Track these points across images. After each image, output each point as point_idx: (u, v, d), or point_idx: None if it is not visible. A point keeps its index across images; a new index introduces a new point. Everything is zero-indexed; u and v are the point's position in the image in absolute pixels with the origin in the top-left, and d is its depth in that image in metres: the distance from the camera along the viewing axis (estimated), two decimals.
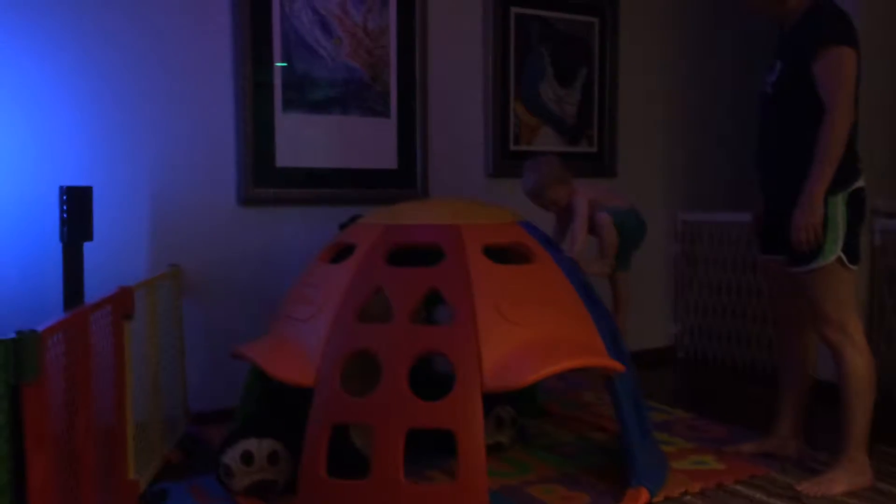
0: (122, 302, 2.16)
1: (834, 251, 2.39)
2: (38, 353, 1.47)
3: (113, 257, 2.91)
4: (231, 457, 2.31)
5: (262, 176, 3.22)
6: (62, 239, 2.43)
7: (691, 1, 4.37)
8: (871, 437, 2.47)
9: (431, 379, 2.70)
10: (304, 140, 3.31)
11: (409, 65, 3.54)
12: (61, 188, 2.42)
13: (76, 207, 2.42)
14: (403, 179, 3.57)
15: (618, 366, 2.24)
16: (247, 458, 2.30)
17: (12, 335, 1.44)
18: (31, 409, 1.45)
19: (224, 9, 3.13)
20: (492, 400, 2.50)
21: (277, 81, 3.24)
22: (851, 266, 2.43)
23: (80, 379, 1.78)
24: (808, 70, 2.39)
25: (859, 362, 2.43)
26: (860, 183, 2.45)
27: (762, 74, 2.63)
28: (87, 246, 2.50)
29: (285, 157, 3.28)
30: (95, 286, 2.50)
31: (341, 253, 2.53)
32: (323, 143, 3.36)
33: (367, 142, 3.47)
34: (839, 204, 2.39)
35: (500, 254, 2.41)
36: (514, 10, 3.81)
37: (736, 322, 4.10)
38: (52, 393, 1.58)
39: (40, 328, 1.52)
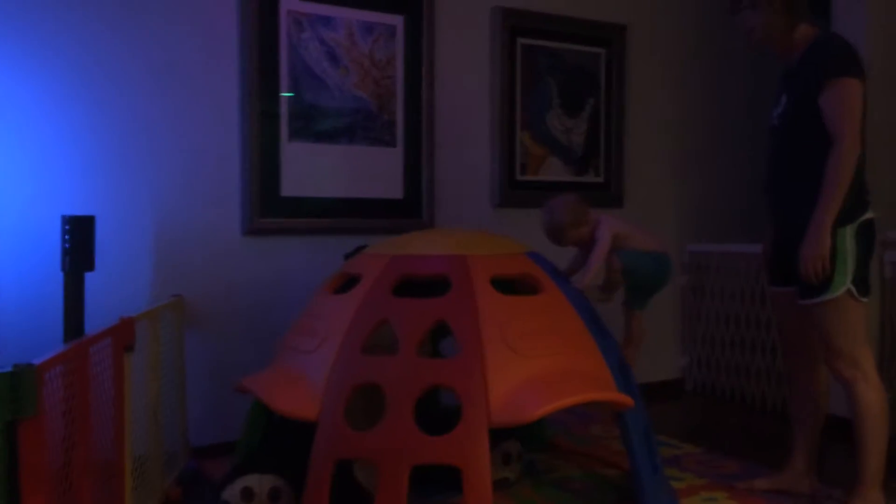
0: (123, 333, 2.13)
1: (844, 283, 2.36)
2: (36, 387, 1.44)
3: (115, 287, 2.88)
4: (231, 493, 2.26)
5: (268, 205, 3.20)
6: (63, 269, 2.40)
7: (698, 33, 4.37)
8: (885, 473, 2.41)
9: (437, 411, 2.66)
10: (309, 169, 3.30)
11: (416, 95, 3.54)
12: (63, 217, 2.39)
13: (78, 237, 2.40)
14: (409, 209, 3.54)
15: (627, 400, 2.20)
16: (247, 494, 2.25)
17: (9, 369, 1.40)
18: (27, 445, 1.41)
19: (231, 39, 3.14)
20: (498, 434, 2.45)
21: (284, 111, 3.24)
22: (862, 299, 2.39)
23: (78, 413, 1.74)
24: (815, 102, 2.37)
25: (873, 398, 2.38)
26: (869, 214, 2.42)
27: (770, 107, 2.61)
28: (88, 276, 2.47)
29: (291, 186, 3.26)
30: (97, 316, 2.47)
31: (346, 284, 2.49)
32: (329, 172, 3.34)
33: (372, 171, 3.45)
34: (848, 235, 2.36)
35: (507, 285, 2.38)
36: (521, 40, 3.81)
37: (745, 354, 4.04)
38: (49, 428, 1.54)
39: (38, 361, 1.48)
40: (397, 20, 3.49)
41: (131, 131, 2.96)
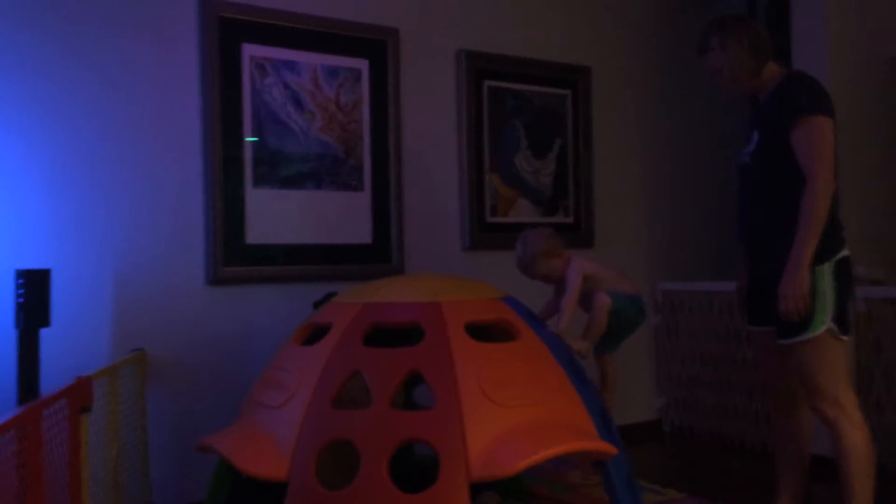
0: (79, 394, 2.01)
1: (824, 322, 2.33)
2: None
3: (73, 343, 2.76)
4: None
5: (232, 254, 3.11)
6: (17, 325, 2.29)
7: (663, 73, 4.41)
8: None
9: (411, 463, 2.57)
10: (275, 216, 3.22)
11: (383, 138, 3.49)
12: (17, 272, 2.29)
13: (33, 291, 2.30)
14: (378, 254, 3.47)
15: (611, 449, 2.12)
16: None
17: None
18: None
19: (192, 84, 3.07)
20: (477, 485, 2.36)
21: (248, 156, 3.17)
22: (843, 337, 2.37)
23: (31, 481, 1.62)
24: (786, 139, 2.37)
25: (857, 437, 2.34)
26: (845, 251, 2.41)
27: (740, 146, 2.61)
28: (44, 332, 2.36)
29: (256, 233, 3.18)
30: (54, 374, 2.36)
31: (315, 334, 2.40)
32: (295, 218, 3.27)
33: (340, 216, 3.38)
34: (826, 273, 2.35)
35: (482, 331, 2.31)
36: (487, 82, 3.80)
37: (722, 394, 4.00)
38: None
39: None
40: (362, 64, 3.45)
41: (87, 180, 2.86)
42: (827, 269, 2.35)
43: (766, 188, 2.46)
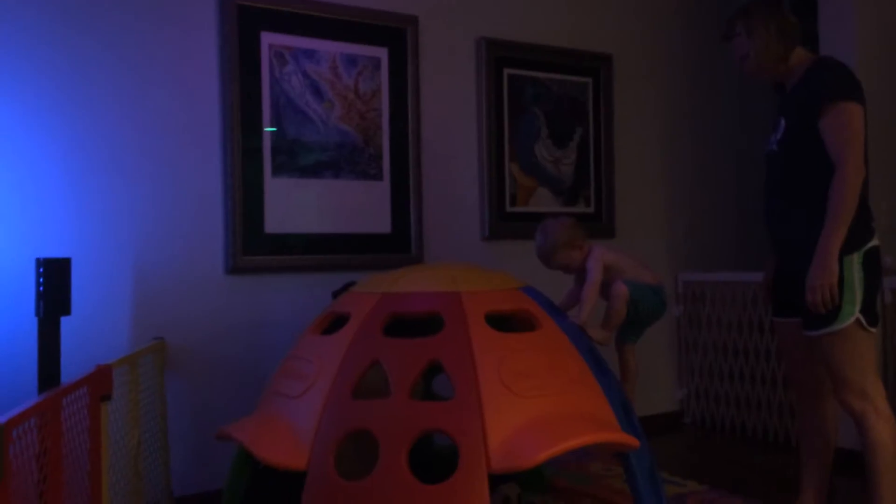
0: (99, 382, 2.01)
1: (852, 313, 2.28)
2: (2, 447, 1.32)
3: (94, 331, 2.77)
4: None
5: (251, 243, 3.11)
6: (38, 314, 2.29)
7: (685, 60, 4.35)
8: None
9: (431, 453, 2.55)
10: (294, 205, 3.21)
11: (402, 127, 3.47)
12: (38, 260, 2.29)
13: (53, 280, 2.29)
14: (398, 244, 3.46)
15: (633, 441, 2.09)
16: None
17: None
18: None
19: (213, 72, 3.06)
20: (497, 477, 2.34)
21: (267, 146, 3.16)
22: (871, 328, 2.32)
23: (51, 470, 1.63)
24: (814, 126, 2.32)
25: (885, 431, 2.29)
26: (875, 242, 2.35)
27: (768, 133, 2.56)
28: (65, 321, 2.36)
29: (275, 223, 3.17)
30: (76, 363, 2.37)
31: (335, 323, 2.39)
32: (314, 207, 3.25)
33: (359, 206, 3.36)
34: (855, 263, 2.29)
35: (502, 321, 2.28)
36: (507, 70, 3.76)
37: (744, 385, 3.95)
38: (18, 491, 1.42)
39: (3, 419, 1.37)
40: (381, 52, 3.43)
41: (108, 168, 2.87)
42: (856, 260, 2.30)
43: (794, 177, 2.41)
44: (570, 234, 2.70)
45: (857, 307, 2.28)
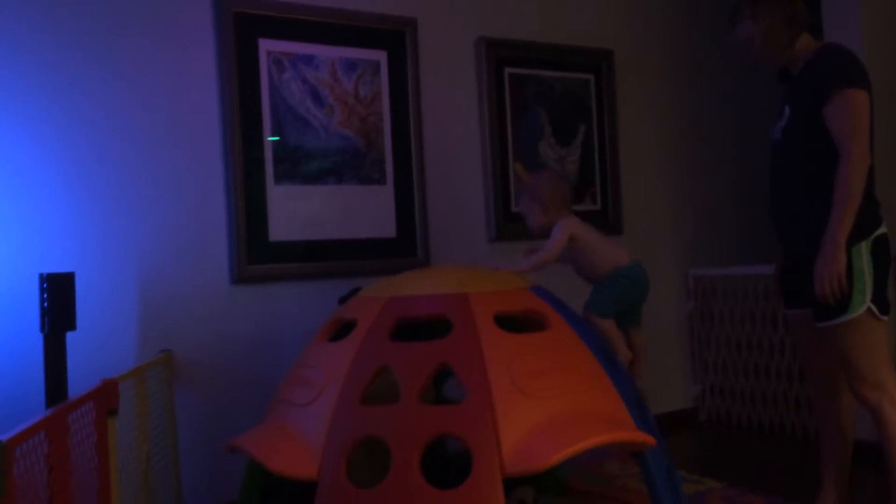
0: (104, 397, 1.99)
1: (863, 302, 2.25)
2: (4, 466, 1.30)
3: (100, 346, 2.75)
4: None
5: (256, 252, 3.08)
6: (43, 329, 2.27)
7: (687, 54, 4.31)
8: None
9: (443, 457, 2.52)
10: (298, 213, 3.19)
11: (404, 130, 3.44)
12: (41, 276, 2.27)
13: (57, 295, 2.27)
14: (403, 248, 3.43)
15: (648, 439, 2.05)
16: None
17: None
18: None
19: (211, 81, 3.04)
20: (511, 480, 2.30)
21: (269, 154, 3.13)
22: (882, 317, 2.28)
23: (58, 488, 1.60)
24: (819, 113, 2.28)
25: None
26: (883, 229, 2.31)
27: (772, 122, 2.52)
28: (71, 335, 2.34)
29: (279, 231, 3.15)
30: (83, 378, 2.35)
31: (342, 330, 2.36)
32: (318, 214, 3.23)
33: (363, 211, 3.34)
34: (863, 252, 2.26)
35: (511, 322, 2.25)
36: (508, 70, 3.73)
37: (759, 380, 3.91)
38: None
39: (6, 437, 1.35)
40: (380, 55, 3.40)
41: (110, 182, 2.85)
42: (864, 248, 2.26)
43: (799, 165, 2.37)
44: (548, 194, 2.64)
45: (868, 296, 2.24)
